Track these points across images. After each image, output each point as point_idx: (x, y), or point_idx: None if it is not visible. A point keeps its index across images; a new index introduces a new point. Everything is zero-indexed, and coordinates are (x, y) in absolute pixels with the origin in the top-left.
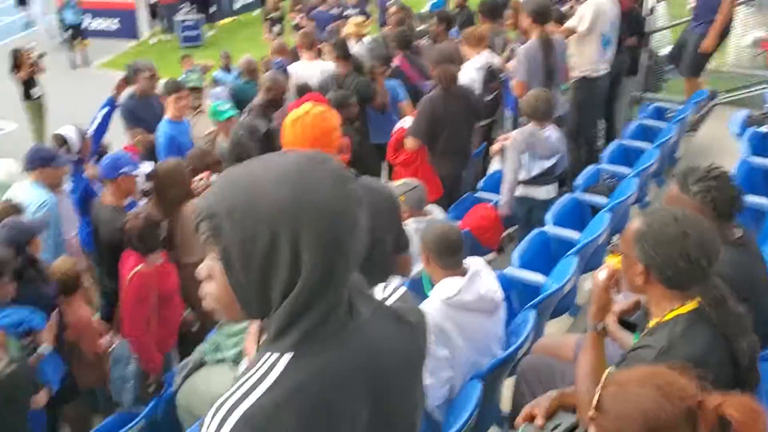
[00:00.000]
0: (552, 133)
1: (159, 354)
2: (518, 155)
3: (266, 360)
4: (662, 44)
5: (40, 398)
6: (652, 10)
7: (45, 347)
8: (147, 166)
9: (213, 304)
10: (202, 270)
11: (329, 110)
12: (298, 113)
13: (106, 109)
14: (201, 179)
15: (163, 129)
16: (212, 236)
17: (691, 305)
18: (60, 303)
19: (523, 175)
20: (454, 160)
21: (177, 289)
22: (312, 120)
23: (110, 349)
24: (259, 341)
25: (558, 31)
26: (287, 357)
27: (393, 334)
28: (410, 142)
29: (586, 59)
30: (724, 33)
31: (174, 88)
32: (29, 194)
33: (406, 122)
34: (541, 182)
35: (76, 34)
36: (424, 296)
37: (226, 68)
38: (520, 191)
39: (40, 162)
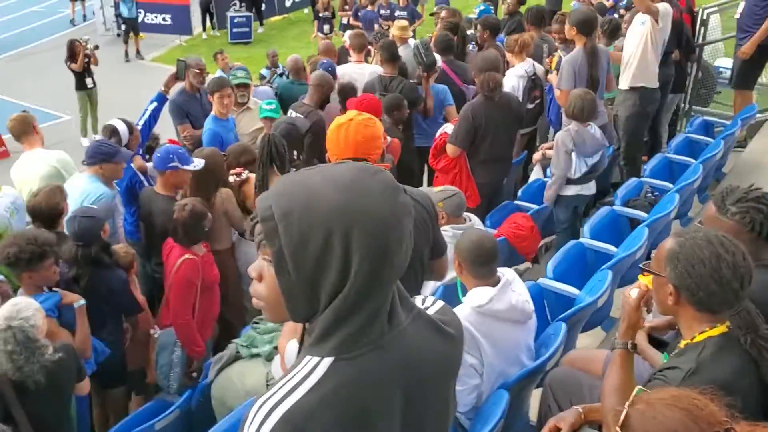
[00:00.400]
0: (596, 129)
1: (202, 340)
2: (567, 155)
3: (307, 363)
4: (714, 56)
5: (85, 386)
6: (704, 22)
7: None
8: (198, 163)
9: (261, 304)
10: (252, 270)
11: (372, 118)
12: (342, 120)
13: (154, 104)
14: (234, 174)
15: (207, 125)
16: (268, 237)
17: (721, 328)
18: None
19: (571, 174)
20: (495, 167)
21: (217, 280)
22: (356, 127)
23: (155, 336)
24: (300, 345)
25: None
26: (328, 361)
27: (431, 342)
28: (450, 149)
29: (645, 70)
30: None
31: (218, 86)
32: (86, 187)
33: (448, 128)
34: (588, 179)
35: (131, 28)
36: (458, 302)
37: (274, 66)
38: (569, 191)
39: (102, 157)
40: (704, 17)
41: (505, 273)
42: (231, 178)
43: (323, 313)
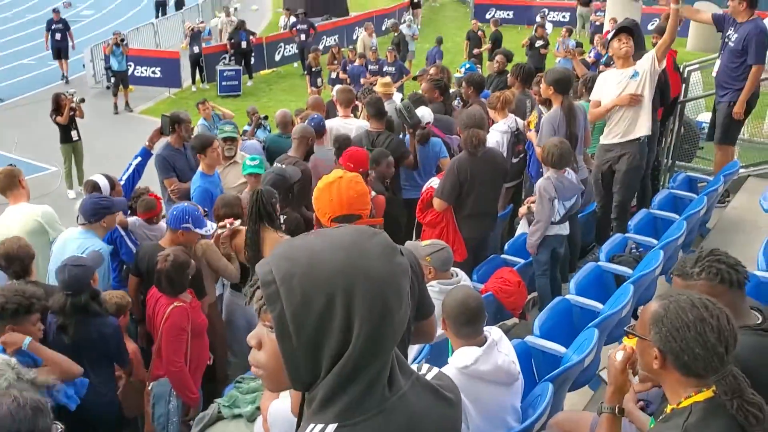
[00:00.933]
0: (571, 174)
1: (197, 387)
2: (551, 201)
3: (311, 430)
4: (696, 112)
5: None
6: (686, 79)
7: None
8: (211, 227)
9: (260, 372)
10: (252, 338)
11: (359, 176)
12: (330, 179)
13: (139, 159)
14: (225, 225)
15: (196, 182)
16: (269, 302)
17: (707, 393)
18: None
19: (554, 218)
20: (481, 222)
21: (206, 326)
22: (347, 184)
23: (149, 388)
24: (300, 415)
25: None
26: (332, 428)
27: (431, 407)
28: (437, 203)
29: (646, 121)
30: (753, 100)
31: (202, 144)
32: (82, 242)
33: (434, 182)
34: (564, 220)
35: (121, 80)
36: (447, 359)
37: (256, 123)
38: (549, 231)
39: (104, 212)
40: (685, 74)
41: (492, 332)
42: (219, 231)
43: (324, 378)
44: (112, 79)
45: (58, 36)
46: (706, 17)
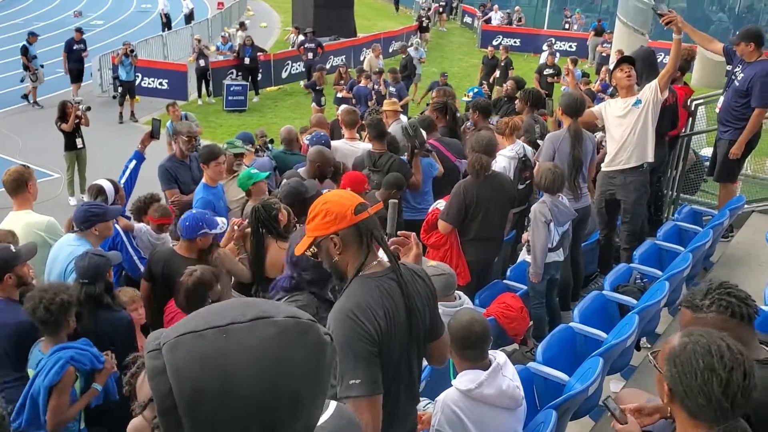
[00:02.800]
0: (565, 200)
1: None
2: (546, 225)
3: None
4: (700, 146)
5: None
6: (692, 113)
7: (98, 386)
8: (223, 224)
9: None
10: None
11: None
12: (325, 195)
13: (133, 162)
14: (237, 225)
15: (199, 194)
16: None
17: None
18: None
19: (550, 244)
20: (486, 246)
21: None
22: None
23: None
24: None
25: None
26: None
27: None
28: (442, 225)
29: (646, 150)
30: (755, 139)
31: (212, 156)
32: (73, 249)
33: (440, 204)
34: (559, 247)
35: (127, 90)
36: (449, 381)
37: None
38: (547, 258)
39: (95, 220)
40: (692, 108)
41: (497, 356)
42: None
43: None
44: (119, 89)
45: (79, 57)
46: (718, 48)
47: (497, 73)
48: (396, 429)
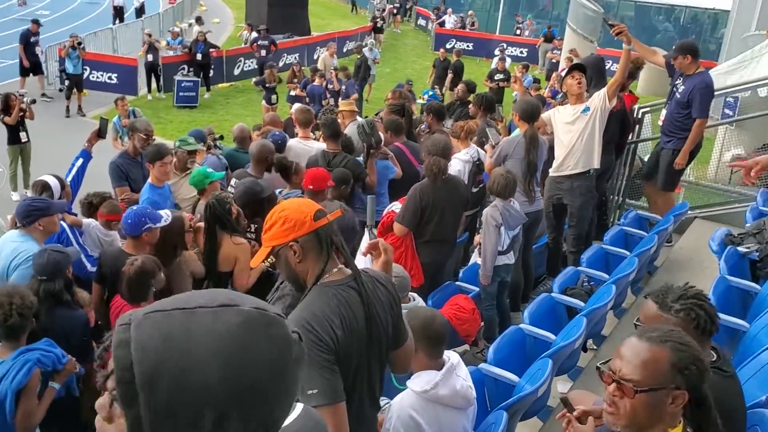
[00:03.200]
0: (516, 204)
1: None
2: (497, 229)
3: None
4: (646, 153)
5: None
6: (639, 120)
7: (55, 385)
8: (167, 216)
9: None
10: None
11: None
12: (283, 203)
13: (80, 161)
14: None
15: (145, 194)
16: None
17: (678, 428)
18: None
19: (501, 246)
20: (439, 248)
21: None
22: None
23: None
24: None
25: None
26: None
27: None
28: (398, 228)
29: (593, 156)
30: (696, 149)
31: (159, 155)
32: (16, 246)
33: (396, 206)
34: (509, 250)
35: (75, 84)
36: (391, 386)
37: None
38: (497, 261)
39: (38, 214)
40: (639, 116)
41: (451, 357)
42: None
43: None
44: (66, 82)
45: (36, 50)
46: (660, 61)
47: (449, 76)
48: None
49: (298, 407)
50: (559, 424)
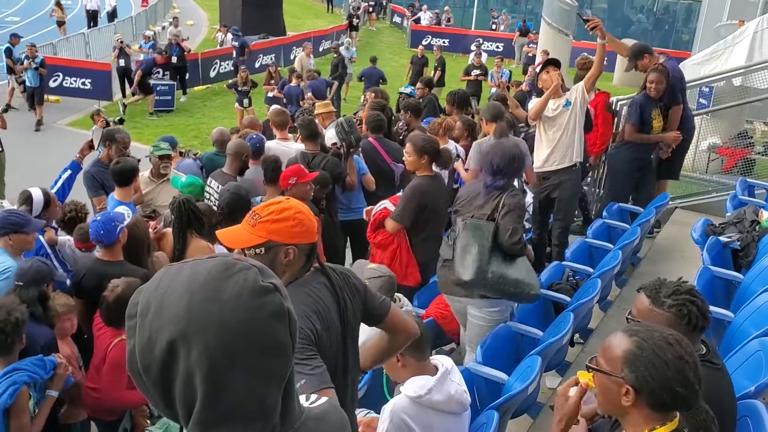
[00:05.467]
0: None
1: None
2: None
3: None
4: None
5: None
6: (617, 113)
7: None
8: (124, 210)
9: None
10: None
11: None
12: (285, 205)
13: (68, 172)
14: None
15: (111, 208)
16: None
17: (671, 426)
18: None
19: None
20: (435, 246)
21: None
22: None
23: None
24: None
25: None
26: None
27: None
28: (391, 225)
29: (576, 150)
30: (688, 138)
31: (119, 180)
32: None
33: (388, 204)
34: None
35: (31, 97)
36: (382, 393)
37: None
38: None
39: (11, 228)
40: (617, 108)
41: (444, 362)
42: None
43: (189, 426)
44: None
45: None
46: None
47: (436, 73)
48: None
49: (323, 398)
50: (549, 420)
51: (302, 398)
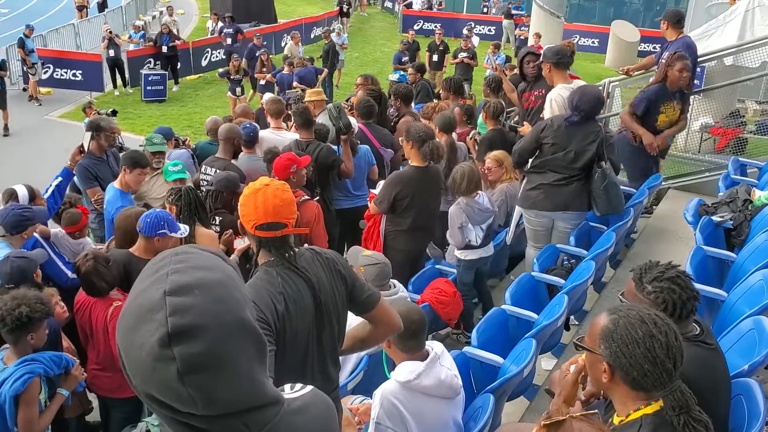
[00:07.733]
0: (483, 197)
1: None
2: (461, 229)
3: None
4: (616, 126)
5: None
6: (609, 94)
7: (64, 391)
8: (185, 230)
9: None
10: None
11: (286, 185)
12: (257, 185)
13: (59, 180)
14: None
15: (117, 203)
16: None
17: (655, 406)
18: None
19: (475, 242)
20: (419, 236)
21: None
22: (273, 191)
23: None
24: None
25: None
26: None
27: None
28: (372, 208)
29: None
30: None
31: (137, 164)
32: None
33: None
34: (486, 242)
35: None
36: (383, 375)
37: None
38: (473, 255)
39: (28, 223)
40: (609, 89)
41: (434, 347)
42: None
43: None
44: None
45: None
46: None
47: (458, 58)
48: None
49: (308, 387)
50: (545, 402)
51: (286, 387)
